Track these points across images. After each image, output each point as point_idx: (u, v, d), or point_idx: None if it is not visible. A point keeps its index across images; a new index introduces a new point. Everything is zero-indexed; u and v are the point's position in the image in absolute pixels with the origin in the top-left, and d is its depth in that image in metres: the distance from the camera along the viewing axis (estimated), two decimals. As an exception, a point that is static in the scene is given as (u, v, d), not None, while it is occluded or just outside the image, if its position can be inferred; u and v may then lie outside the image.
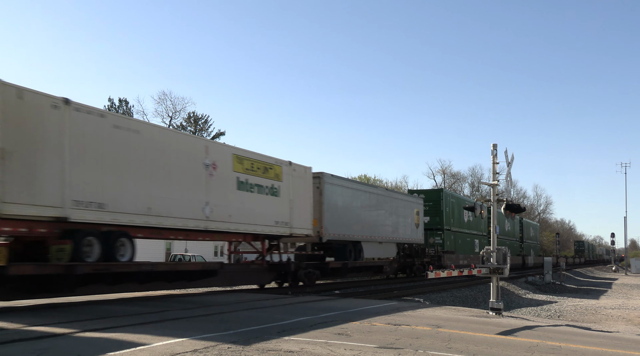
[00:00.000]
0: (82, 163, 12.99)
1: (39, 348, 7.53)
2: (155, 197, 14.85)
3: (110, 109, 69.59)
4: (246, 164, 18.30)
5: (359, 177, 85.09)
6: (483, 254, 16.55)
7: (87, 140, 13.16)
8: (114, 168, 13.77)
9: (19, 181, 11.68)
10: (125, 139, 14.13)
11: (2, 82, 11.56)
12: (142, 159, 14.61)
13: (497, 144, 16.64)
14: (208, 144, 17.66)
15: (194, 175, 16.25)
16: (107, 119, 13.86)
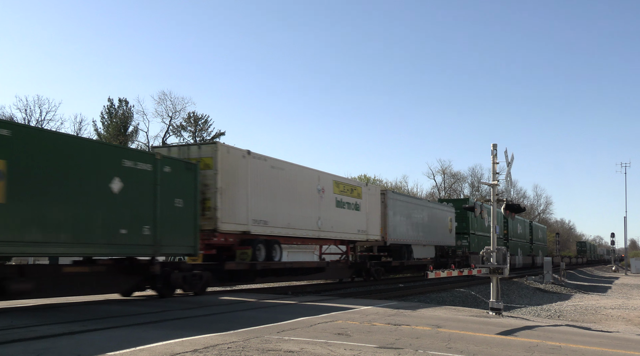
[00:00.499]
0: (256, 194, 18.92)
1: (39, 348, 7.53)
2: (292, 215, 20.83)
3: (110, 110, 69.59)
4: (341, 187, 24.37)
5: (359, 177, 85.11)
6: (483, 254, 16.56)
7: (258, 178, 19.06)
8: (271, 196, 19.72)
9: (227, 208, 17.55)
10: (276, 175, 20.14)
11: (221, 144, 18.00)
12: (284, 188, 20.52)
13: (497, 144, 16.66)
14: (319, 174, 23.21)
15: (311, 198, 22.21)
16: (267, 162, 19.77)
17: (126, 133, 69.51)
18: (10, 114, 61.62)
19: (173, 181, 15.33)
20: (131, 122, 70.80)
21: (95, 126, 69.68)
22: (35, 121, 62.00)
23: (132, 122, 70.86)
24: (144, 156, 14.83)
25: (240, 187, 18.12)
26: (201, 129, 75.33)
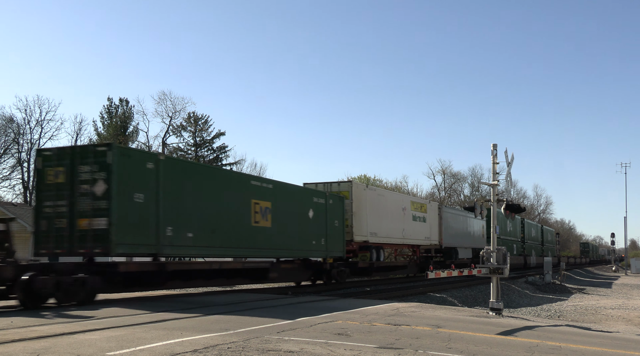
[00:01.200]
0: (371, 214, 26.86)
1: (39, 348, 7.52)
2: (389, 228, 28.82)
3: (110, 109, 69.56)
4: (415, 205, 32.53)
5: (359, 177, 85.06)
6: (483, 254, 16.55)
7: (371, 203, 26.99)
8: (378, 215, 27.61)
9: (357, 225, 25.78)
10: (380, 200, 28.33)
11: (354, 182, 27.86)
12: (384, 209, 28.49)
13: (497, 144, 16.66)
14: (402, 197, 33.66)
15: (398, 215, 30.12)
16: (376, 192, 28.75)
17: (126, 133, 69.51)
18: (10, 114, 61.61)
19: (333, 209, 23.84)
20: (131, 122, 70.79)
21: (95, 126, 69.66)
22: (35, 121, 62.01)
23: (132, 122, 70.84)
24: (320, 194, 23.32)
25: (362, 210, 26.37)
26: (201, 129, 75.31)
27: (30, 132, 61.63)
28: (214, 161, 76.10)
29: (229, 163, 77.38)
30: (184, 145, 74.90)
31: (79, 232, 14.01)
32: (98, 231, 13.81)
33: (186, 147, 75.02)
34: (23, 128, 61.15)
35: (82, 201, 14.08)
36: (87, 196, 14.05)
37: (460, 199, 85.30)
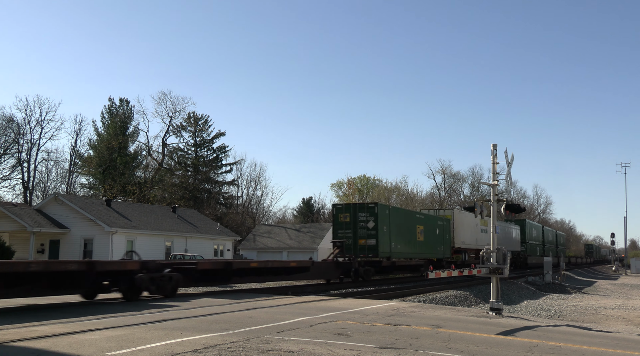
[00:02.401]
0: (463, 229, 40.95)
1: (39, 348, 7.53)
2: (469, 238, 41.98)
3: (110, 109, 69.52)
4: (482, 222, 43.24)
5: (359, 177, 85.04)
6: (483, 254, 16.55)
7: (463, 221, 41.01)
8: (464, 230, 40.99)
9: (456, 237, 40.22)
10: (466, 220, 41.44)
11: (456, 209, 43.07)
12: (467, 225, 41.72)
13: (497, 144, 16.65)
14: (477, 221, 43.16)
15: (474, 229, 43.10)
16: (463, 214, 41.93)
17: (126, 133, 69.45)
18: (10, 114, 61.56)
19: (444, 227, 37.28)
20: (131, 122, 70.72)
21: (95, 126, 69.67)
22: (35, 121, 61.97)
23: (132, 122, 70.77)
24: (440, 218, 37.27)
25: (458, 227, 39.59)
26: (201, 129, 75.28)
27: (31, 132, 61.63)
28: (213, 161, 76.10)
29: (229, 163, 77.34)
30: (184, 145, 74.93)
31: (359, 247, 28.73)
32: (370, 247, 28.63)
33: (186, 147, 75.03)
34: (23, 128, 61.15)
35: (362, 231, 28.91)
36: (364, 229, 28.92)
37: (460, 199, 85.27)
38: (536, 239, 63.77)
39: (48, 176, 63.20)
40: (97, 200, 46.07)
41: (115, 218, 38.91)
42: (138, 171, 69.81)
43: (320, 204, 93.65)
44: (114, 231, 36.82)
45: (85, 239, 37.78)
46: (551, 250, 69.21)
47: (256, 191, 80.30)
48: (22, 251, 35.77)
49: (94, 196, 62.93)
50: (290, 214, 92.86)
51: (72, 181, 65.76)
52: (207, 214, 61.12)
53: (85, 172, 67.02)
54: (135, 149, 70.22)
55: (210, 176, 74.69)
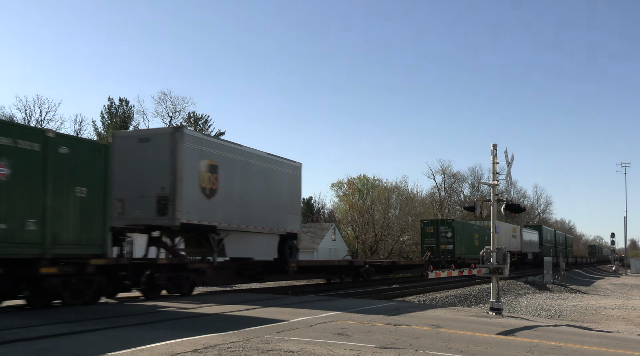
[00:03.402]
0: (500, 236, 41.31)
1: (39, 348, 7.53)
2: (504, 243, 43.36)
3: (110, 109, 69.57)
4: (513, 229, 53.20)
5: (358, 177, 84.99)
6: (483, 254, 16.55)
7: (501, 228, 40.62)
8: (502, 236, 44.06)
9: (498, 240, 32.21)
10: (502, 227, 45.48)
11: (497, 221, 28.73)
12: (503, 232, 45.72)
13: (497, 144, 16.65)
14: (509, 226, 52.20)
15: (508, 236, 50.52)
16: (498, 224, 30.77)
17: (126, 133, 69.48)
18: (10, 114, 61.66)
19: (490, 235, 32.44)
20: (131, 122, 70.80)
21: (95, 126, 69.69)
22: (35, 121, 62.02)
23: (132, 122, 70.85)
24: (484, 227, 43.88)
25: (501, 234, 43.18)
26: (201, 129, 75.32)
27: (30, 132, 61.59)
28: (214, 161, 76.02)
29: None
30: (184, 145, 74.86)
31: (441, 251, 39.55)
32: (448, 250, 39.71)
33: (186, 147, 74.98)
34: (23, 128, 61.13)
35: (442, 239, 39.94)
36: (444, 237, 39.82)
37: (460, 199, 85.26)
38: (550, 241, 72.85)
39: (48, 176, 63.20)
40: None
41: (115, 218, 38.85)
42: (138, 171, 69.83)
43: (320, 204, 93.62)
44: (114, 231, 36.85)
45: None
46: (561, 251, 77.11)
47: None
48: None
49: (94, 196, 62.86)
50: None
51: (72, 181, 65.78)
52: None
53: (85, 173, 66.99)
54: None
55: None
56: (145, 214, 16.30)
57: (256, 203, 19.54)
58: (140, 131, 18.78)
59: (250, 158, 19.49)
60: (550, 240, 72.18)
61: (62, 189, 12.68)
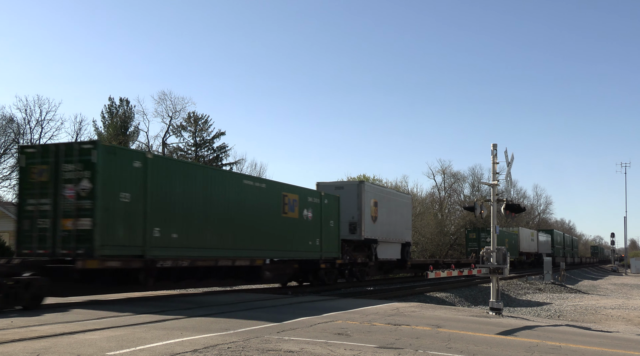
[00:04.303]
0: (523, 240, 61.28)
1: (39, 348, 7.53)
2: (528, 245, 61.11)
3: (110, 109, 69.56)
4: (531, 233, 64.61)
5: (358, 177, 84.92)
6: (483, 254, 16.55)
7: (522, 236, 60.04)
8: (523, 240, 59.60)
9: None
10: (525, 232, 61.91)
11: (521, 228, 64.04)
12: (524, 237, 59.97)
13: (497, 144, 16.65)
14: (529, 233, 62.56)
15: (528, 239, 61.49)
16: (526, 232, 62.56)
17: (126, 133, 69.54)
18: (10, 114, 61.62)
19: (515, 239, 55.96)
20: (131, 122, 70.78)
21: (95, 126, 69.66)
22: (35, 121, 62.00)
23: (132, 122, 70.82)
24: (512, 233, 56.61)
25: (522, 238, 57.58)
26: (201, 129, 75.28)
27: (31, 132, 61.54)
28: (214, 160, 76.13)
29: (229, 163, 77.36)
30: (184, 145, 74.93)
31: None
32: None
33: (186, 147, 75.05)
34: (23, 128, 61.05)
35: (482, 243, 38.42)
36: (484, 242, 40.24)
37: (460, 199, 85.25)
38: (560, 243, 79.20)
39: (48, 176, 63.18)
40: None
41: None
42: (138, 171, 69.83)
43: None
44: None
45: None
46: (569, 252, 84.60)
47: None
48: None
49: (94, 196, 62.85)
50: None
51: (72, 181, 65.76)
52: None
53: (85, 172, 67.00)
54: (136, 149, 70.34)
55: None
56: (342, 233, 25.49)
57: (393, 223, 30.31)
58: (336, 182, 30.16)
59: (390, 195, 31.20)
60: (560, 242, 78.92)
61: (323, 222, 23.26)
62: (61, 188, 13.88)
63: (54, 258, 13.78)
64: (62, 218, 13.83)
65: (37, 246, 14.06)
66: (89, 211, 13.57)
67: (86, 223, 13.62)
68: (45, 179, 14.12)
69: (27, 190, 14.53)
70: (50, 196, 14.02)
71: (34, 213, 14.27)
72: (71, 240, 13.69)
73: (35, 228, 14.15)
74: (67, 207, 13.80)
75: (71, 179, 13.79)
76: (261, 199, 19.43)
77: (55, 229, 13.87)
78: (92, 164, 13.60)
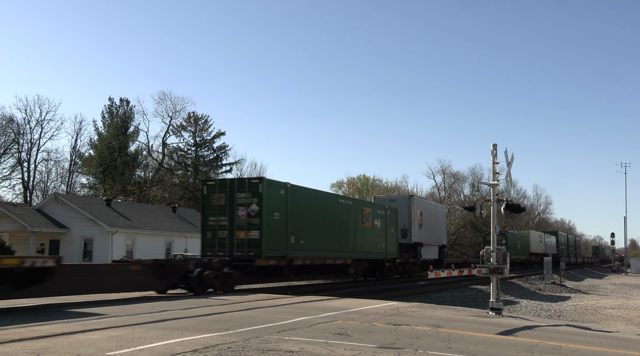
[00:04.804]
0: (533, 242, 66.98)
1: (38, 348, 7.53)
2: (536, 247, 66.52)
3: (110, 109, 69.49)
4: (540, 236, 70.23)
5: (358, 177, 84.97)
6: (483, 254, 16.54)
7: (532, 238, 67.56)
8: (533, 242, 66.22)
9: None
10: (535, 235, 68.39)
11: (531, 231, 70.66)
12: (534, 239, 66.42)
13: (497, 144, 16.62)
14: (537, 235, 68.00)
15: (537, 241, 66.78)
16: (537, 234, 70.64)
17: (126, 133, 69.45)
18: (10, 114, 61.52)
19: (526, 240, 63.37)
20: (132, 122, 70.69)
21: (95, 126, 69.65)
22: (35, 121, 61.94)
23: (132, 122, 70.73)
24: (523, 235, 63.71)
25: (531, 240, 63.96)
26: (201, 129, 75.21)
27: (31, 132, 61.55)
28: (214, 160, 76.10)
29: (229, 163, 77.33)
30: (184, 145, 74.89)
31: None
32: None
33: (186, 147, 75.01)
34: (23, 128, 61.06)
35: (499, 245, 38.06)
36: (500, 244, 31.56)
37: (460, 199, 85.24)
38: (564, 244, 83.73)
39: (48, 176, 63.15)
40: (97, 200, 46.05)
41: (115, 217, 38.89)
42: (138, 171, 69.82)
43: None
44: (114, 230, 36.81)
45: (85, 239, 37.79)
46: (572, 252, 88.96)
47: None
48: (22, 251, 35.76)
49: (94, 196, 62.90)
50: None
51: (72, 181, 65.75)
52: (207, 214, 61.00)
53: (86, 172, 67.01)
54: (136, 149, 70.26)
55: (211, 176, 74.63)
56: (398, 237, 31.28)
57: (433, 229, 36.33)
58: (390, 196, 37.81)
59: (430, 206, 37.41)
60: (564, 243, 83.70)
61: (387, 230, 29.09)
62: (236, 209, 19.88)
63: (231, 258, 19.15)
64: (236, 230, 19.84)
65: (218, 250, 20.01)
66: (257, 225, 19.55)
67: (255, 234, 19.53)
68: (222, 203, 20.10)
69: (209, 211, 20.49)
70: (227, 215, 19.98)
71: (215, 227, 20.19)
72: (244, 246, 19.62)
73: (216, 237, 20.13)
74: (240, 223, 19.82)
75: (243, 203, 19.83)
76: (350, 213, 25.70)
77: (232, 238, 19.87)
78: (259, 193, 19.67)
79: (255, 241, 19.35)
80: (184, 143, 74.99)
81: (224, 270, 17.80)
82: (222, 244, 19.84)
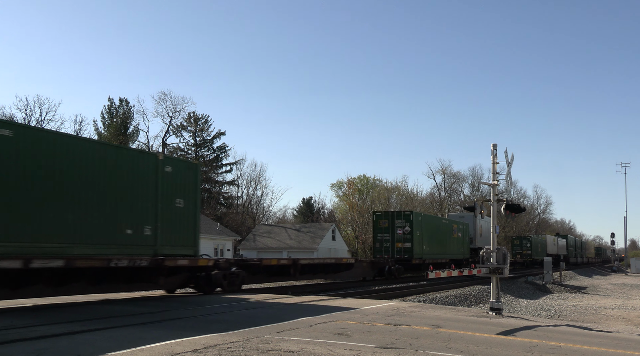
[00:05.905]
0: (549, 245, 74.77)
1: (39, 348, 7.53)
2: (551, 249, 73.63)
3: (110, 109, 69.51)
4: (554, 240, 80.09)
5: (358, 177, 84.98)
6: (483, 254, 16.54)
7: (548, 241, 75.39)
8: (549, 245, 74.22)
9: None
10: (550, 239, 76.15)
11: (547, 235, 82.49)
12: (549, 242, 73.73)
13: (497, 144, 16.63)
14: (552, 239, 76.37)
15: (552, 244, 75.06)
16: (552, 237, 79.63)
17: (126, 133, 69.50)
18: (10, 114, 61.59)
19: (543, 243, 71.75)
20: (131, 122, 70.75)
21: (95, 126, 69.71)
22: (35, 121, 61.99)
23: (132, 122, 70.79)
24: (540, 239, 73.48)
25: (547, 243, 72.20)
26: (201, 129, 75.26)
27: (31, 132, 61.44)
28: (214, 160, 76.17)
29: (229, 163, 77.43)
30: (184, 145, 74.96)
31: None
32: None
33: (186, 147, 75.07)
34: (23, 128, 60.98)
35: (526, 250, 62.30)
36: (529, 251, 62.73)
37: (460, 199, 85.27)
38: (572, 246, 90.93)
39: (48, 176, 63.08)
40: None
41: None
42: (138, 170, 69.80)
43: (320, 204, 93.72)
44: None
45: (86, 239, 37.76)
46: (579, 253, 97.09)
47: (256, 191, 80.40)
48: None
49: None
50: (290, 214, 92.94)
51: (72, 181, 65.69)
52: (207, 214, 61.14)
53: (86, 172, 66.94)
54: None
55: (210, 176, 74.69)
56: None
57: (487, 237, 40.30)
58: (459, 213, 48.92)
59: (486, 220, 43.31)
60: (572, 245, 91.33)
61: (464, 238, 45.49)
62: (395, 229, 33.72)
63: (391, 259, 31.65)
64: (396, 242, 33.65)
65: (383, 254, 33.51)
66: (410, 240, 33.64)
67: (408, 245, 33.55)
68: (386, 226, 34.05)
69: (377, 231, 34.52)
70: (389, 233, 33.96)
71: (381, 240, 34.06)
72: (401, 252, 33.40)
73: (383, 246, 33.98)
74: (398, 237, 33.70)
75: (399, 226, 33.69)
76: (449, 229, 40.27)
77: (393, 247, 33.64)
78: (411, 220, 33.89)
79: (409, 249, 33.37)
80: (184, 143, 75.07)
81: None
82: (386, 251, 33.62)
